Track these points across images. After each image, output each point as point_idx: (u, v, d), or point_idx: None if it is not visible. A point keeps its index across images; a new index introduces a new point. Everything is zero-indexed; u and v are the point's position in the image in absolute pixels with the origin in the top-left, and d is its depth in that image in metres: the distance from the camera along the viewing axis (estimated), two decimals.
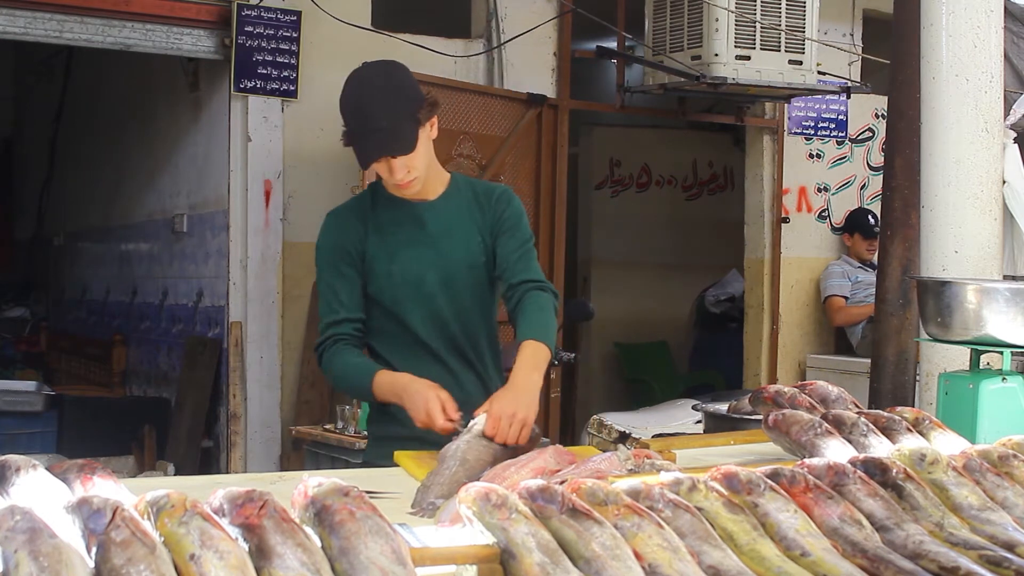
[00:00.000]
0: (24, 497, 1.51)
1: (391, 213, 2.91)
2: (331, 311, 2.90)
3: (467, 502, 1.52)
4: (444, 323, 2.92)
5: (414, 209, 2.92)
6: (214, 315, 6.16)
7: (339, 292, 2.89)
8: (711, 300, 8.81)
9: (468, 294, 2.95)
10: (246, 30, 5.65)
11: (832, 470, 1.78)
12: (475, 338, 2.98)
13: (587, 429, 5.30)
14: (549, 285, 2.95)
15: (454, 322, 2.93)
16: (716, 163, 9.40)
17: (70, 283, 9.10)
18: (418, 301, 2.89)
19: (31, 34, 5.46)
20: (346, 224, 2.92)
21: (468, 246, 2.93)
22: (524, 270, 2.93)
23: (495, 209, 2.96)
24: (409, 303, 2.89)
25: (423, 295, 2.89)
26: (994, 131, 3.44)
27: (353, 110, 2.78)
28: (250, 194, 5.78)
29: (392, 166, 2.79)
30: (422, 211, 2.93)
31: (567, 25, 6.50)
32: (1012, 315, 2.56)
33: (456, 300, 2.93)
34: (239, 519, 1.39)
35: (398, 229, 2.91)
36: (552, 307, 2.91)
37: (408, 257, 2.89)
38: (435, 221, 2.92)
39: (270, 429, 5.84)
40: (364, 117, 2.76)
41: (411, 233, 2.91)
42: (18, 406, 6.48)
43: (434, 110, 2.87)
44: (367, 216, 2.92)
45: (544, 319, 2.86)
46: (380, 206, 2.93)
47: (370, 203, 2.94)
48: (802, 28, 6.12)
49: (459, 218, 2.95)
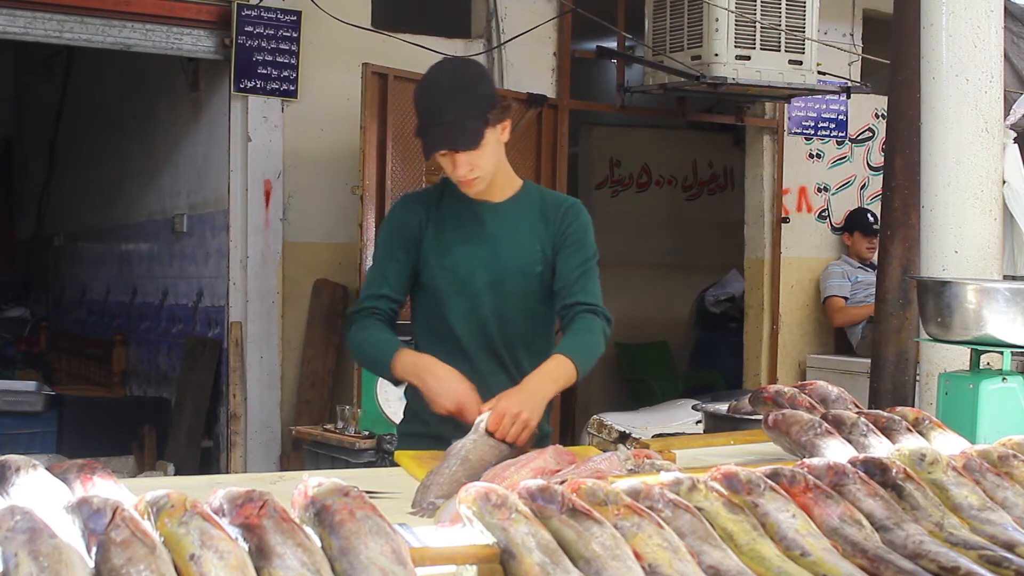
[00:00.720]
0: (24, 497, 1.51)
1: (455, 209, 2.94)
2: (375, 285, 2.93)
3: (467, 502, 1.52)
4: (484, 323, 2.91)
5: (477, 208, 2.95)
6: (214, 315, 6.16)
7: (387, 272, 2.93)
8: (711, 300, 8.81)
9: (515, 299, 2.94)
10: (246, 30, 5.65)
11: (832, 470, 1.78)
12: (513, 342, 2.96)
13: (587, 429, 5.30)
14: (602, 309, 2.95)
15: (494, 323, 2.92)
16: (716, 163, 9.39)
17: (70, 283, 9.10)
18: (463, 297, 2.90)
19: (31, 34, 5.46)
20: (411, 210, 2.95)
21: (524, 252, 2.94)
22: (581, 291, 2.93)
23: (562, 221, 2.97)
24: (453, 298, 2.91)
25: (469, 293, 2.90)
26: (994, 131, 3.44)
27: (421, 102, 2.82)
28: (250, 194, 5.78)
29: (456, 161, 2.82)
30: (484, 211, 2.95)
31: (567, 25, 6.50)
32: (1012, 315, 2.56)
33: (501, 303, 2.92)
34: (239, 519, 1.39)
35: (458, 224, 2.93)
36: (600, 331, 2.91)
37: (461, 253, 2.91)
38: (496, 223, 2.94)
39: (270, 429, 5.84)
40: (431, 110, 2.79)
41: (470, 231, 2.93)
42: (18, 406, 6.48)
43: (506, 113, 2.94)
44: (432, 207, 2.95)
45: (584, 340, 2.87)
46: (447, 200, 2.96)
47: (439, 195, 2.98)
48: (802, 28, 6.12)
49: (521, 224, 2.96)
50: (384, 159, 5.51)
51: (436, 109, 2.78)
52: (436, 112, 2.78)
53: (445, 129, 2.78)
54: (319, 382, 5.88)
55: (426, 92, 2.83)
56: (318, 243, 5.90)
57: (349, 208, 5.68)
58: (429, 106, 2.80)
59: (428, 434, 2.86)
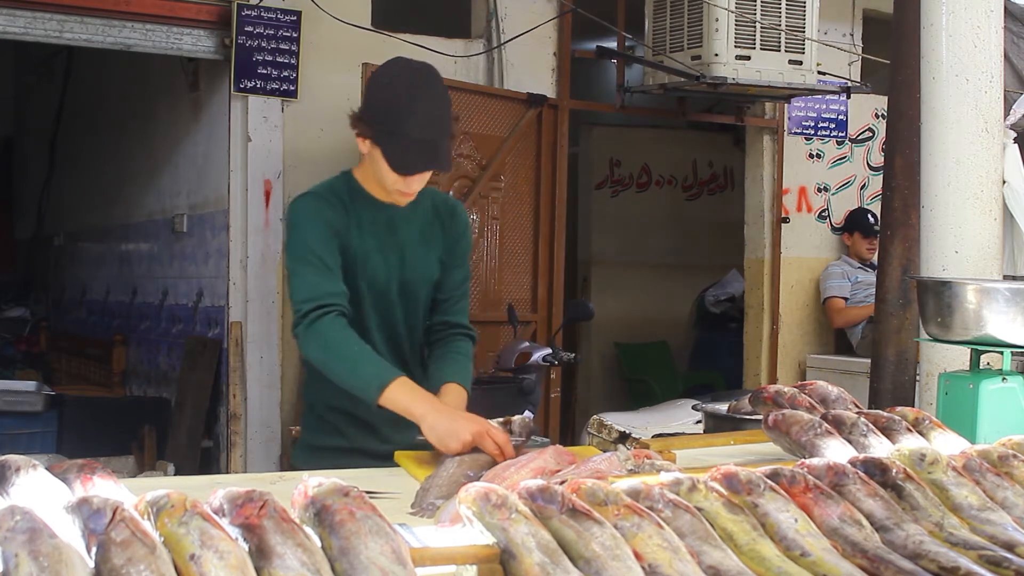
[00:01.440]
0: (24, 497, 1.51)
1: (370, 214, 2.80)
2: (327, 282, 2.68)
3: (467, 502, 1.52)
4: (398, 336, 2.85)
5: (388, 212, 2.82)
6: (214, 315, 6.16)
7: (332, 268, 2.70)
8: (711, 300, 8.81)
9: (420, 308, 2.89)
10: (246, 30, 5.65)
11: (832, 470, 1.78)
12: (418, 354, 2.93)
13: (587, 429, 5.30)
14: (474, 332, 2.96)
15: (406, 335, 2.87)
16: (716, 163, 9.40)
17: (70, 283, 9.10)
18: (378, 309, 2.81)
19: (31, 34, 5.46)
20: (334, 210, 2.75)
21: (428, 260, 2.87)
22: (462, 312, 2.93)
23: (455, 231, 2.91)
24: (370, 309, 2.80)
25: (385, 303, 2.81)
26: (994, 131, 3.44)
27: (397, 111, 2.62)
28: (250, 194, 5.78)
29: (418, 178, 2.71)
30: (395, 216, 2.83)
31: (567, 25, 6.50)
32: (1012, 315, 2.56)
33: (410, 313, 2.87)
34: (239, 519, 1.39)
35: (374, 231, 2.80)
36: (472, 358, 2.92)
37: (378, 262, 2.80)
38: (404, 229, 2.84)
39: (270, 429, 5.84)
40: (410, 124, 2.61)
41: (384, 238, 2.81)
42: (18, 406, 6.48)
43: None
44: (348, 209, 2.78)
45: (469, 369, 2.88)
46: (358, 202, 2.79)
47: (348, 196, 2.79)
48: (802, 28, 6.12)
49: (424, 230, 2.87)
50: None
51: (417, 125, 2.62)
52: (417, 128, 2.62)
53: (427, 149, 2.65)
54: None
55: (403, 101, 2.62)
56: None
57: None
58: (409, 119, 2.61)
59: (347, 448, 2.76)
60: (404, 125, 2.62)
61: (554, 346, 5.40)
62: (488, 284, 6.17)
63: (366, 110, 2.70)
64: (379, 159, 2.69)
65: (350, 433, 2.81)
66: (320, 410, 2.87)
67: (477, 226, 6.13)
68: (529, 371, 5.10)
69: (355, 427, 2.82)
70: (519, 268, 6.39)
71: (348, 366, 2.63)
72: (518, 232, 6.35)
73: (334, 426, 2.83)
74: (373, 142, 2.68)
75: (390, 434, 2.77)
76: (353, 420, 2.82)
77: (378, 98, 2.68)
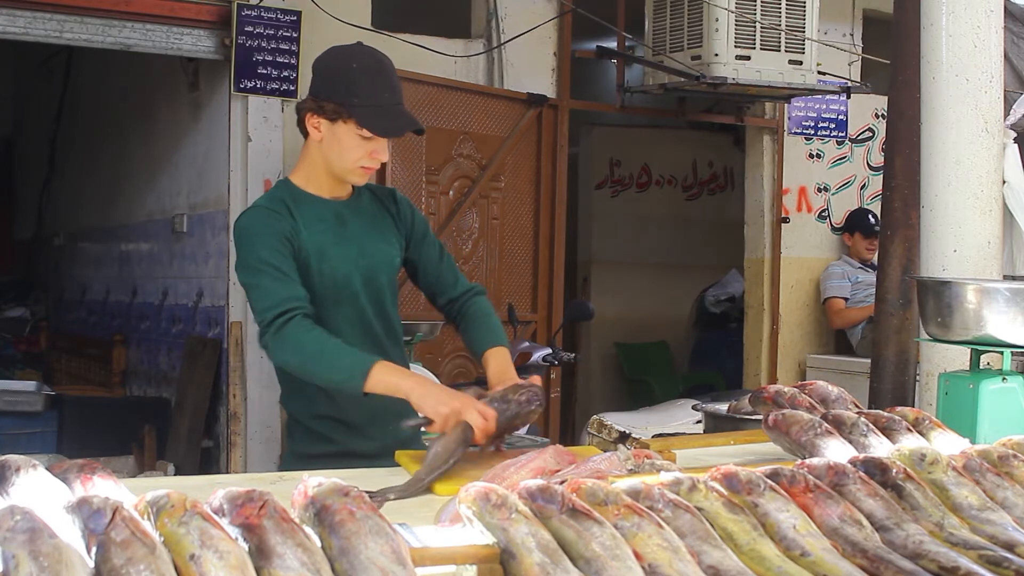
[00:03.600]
0: (24, 497, 1.51)
1: (315, 210, 2.83)
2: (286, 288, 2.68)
3: (467, 502, 1.52)
4: (368, 324, 2.86)
5: (334, 207, 2.86)
6: (214, 315, 6.16)
7: (288, 273, 2.71)
8: (711, 300, 8.81)
9: (387, 294, 2.91)
10: (246, 30, 5.65)
11: (832, 470, 1.78)
12: (394, 338, 2.94)
13: (587, 429, 5.30)
14: (480, 287, 3.03)
15: (377, 323, 2.88)
16: (716, 163, 9.40)
17: (70, 283, 9.09)
18: (344, 303, 2.82)
19: (31, 34, 5.46)
20: (278, 218, 2.77)
21: (386, 244, 2.91)
22: (457, 280, 2.99)
23: (403, 212, 2.97)
24: (334, 305, 2.80)
25: (348, 296, 2.83)
26: (994, 131, 3.44)
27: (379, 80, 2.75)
28: (250, 194, 5.77)
29: (384, 146, 2.78)
30: (341, 209, 2.87)
31: (567, 25, 6.50)
32: (1012, 315, 2.56)
33: (377, 301, 2.88)
34: (239, 519, 1.39)
35: (324, 227, 2.82)
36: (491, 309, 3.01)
37: (336, 256, 2.81)
38: (354, 220, 2.88)
39: (270, 429, 5.84)
40: (392, 89, 2.75)
41: (336, 231, 2.83)
42: (18, 406, 6.48)
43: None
44: (291, 214, 2.79)
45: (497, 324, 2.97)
46: (301, 205, 2.82)
47: (289, 202, 2.81)
48: (802, 28, 6.12)
49: (373, 218, 2.92)
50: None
51: (395, 90, 2.76)
52: (396, 92, 2.76)
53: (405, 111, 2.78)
54: None
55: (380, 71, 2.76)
56: None
57: None
58: (390, 85, 2.75)
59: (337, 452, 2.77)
60: (381, 93, 2.74)
61: (554, 346, 5.40)
62: (488, 284, 6.17)
63: (330, 89, 2.76)
64: (344, 135, 2.75)
65: (337, 437, 2.83)
66: (305, 420, 2.88)
67: (477, 226, 6.13)
68: (529, 371, 5.10)
69: (341, 430, 2.84)
70: (519, 268, 6.39)
71: (326, 362, 2.63)
72: (518, 232, 6.35)
73: (320, 433, 2.85)
74: (343, 119, 2.74)
75: (374, 432, 2.82)
76: (338, 424, 2.84)
77: (344, 76, 2.75)
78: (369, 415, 2.77)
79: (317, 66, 2.84)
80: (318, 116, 2.77)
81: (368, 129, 2.72)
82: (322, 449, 2.82)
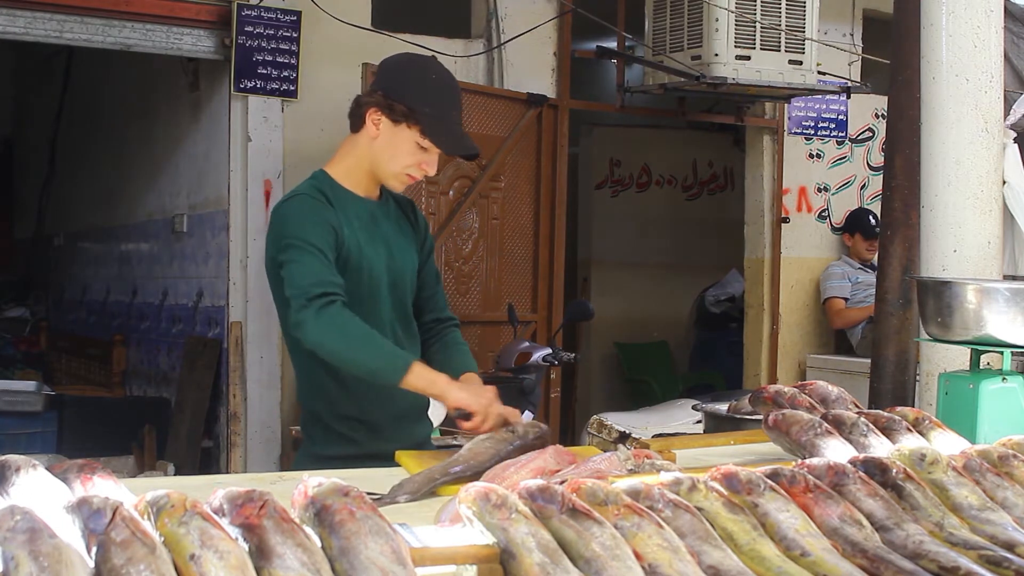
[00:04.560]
0: (24, 497, 1.51)
1: (353, 207, 2.81)
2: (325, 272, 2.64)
3: (467, 502, 1.52)
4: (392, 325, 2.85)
5: (368, 205, 2.85)
6: (214, 315, 6.16)
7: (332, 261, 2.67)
8: (711, 300, 8.81)
9: (407, 298, 2.92)
10: (246, 30, 5.65)
11: (832, 470, 1.78)
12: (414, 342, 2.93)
13: (587, 429, 5.30)
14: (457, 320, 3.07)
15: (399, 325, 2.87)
16: (716, 163, 9.40)
17: (70, 283, 9.09)
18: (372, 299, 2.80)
19: (31, 34, 5.46)
20: (323, 206, 2.75)
21: (410, 251, 2.93)
22: (444, 304, 3.03)
23: (421, 227, 3.01)
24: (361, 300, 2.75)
25: (378, 294, 2.82)
26: (994, 131, 3.44)
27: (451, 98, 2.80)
28: (250, 194, 5.78)
29: (432, 161, 2.80)
30: (374, 209, 2.86)
31: (567, 25, 6.50)
32: (1012, 315, 2.56)
33: (401, 303, 2.89)
34: (239, 519, 1.39)
35: (360, 224, 2.80)
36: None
37: (371, 255, 2.80)
38: (385, 222, 2.88)
39: (270, 429, 5.84)
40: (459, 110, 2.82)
41: (370, 230, 2.83)
42: (18, 406, 6.47)
43: None
44: (335, 205, 2.78)
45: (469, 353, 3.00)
46: (339, 197, 2.80)
47: (328, 192, 2.80)
48: (802, 28, 6.12)
49: (399, 223, 2.93)
50: None
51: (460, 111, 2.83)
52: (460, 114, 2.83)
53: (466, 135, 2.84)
54: None
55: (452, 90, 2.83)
56: None
57: None
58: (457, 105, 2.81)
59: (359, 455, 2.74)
60: (450, 111, 2.78)
61: (554, 346, 5.40)
62: (488, 284, 6.17)
63: (403, 92, 2.74)
64: (403, 140, 2.75)
65: (360, 439, 2.80)
66: (326, 419, 2.84)
67: (477, 226, 6.13)
68: (529, 371, 5.09)
69: (364, 432, 2.81)
70: (519, 268, 6.39)
71: (371, 349, 2.61)
72: (518, 232, 6.35)
73: (342, 434, 2.81)
74: (408, 123, 2.73)
75: (397, 434, 2.81)
76: (361, 425, 2.81)
77: (420, 83, 2.76)
78: (394, 417, 2.76)
79: (390, 66, 2.84)
80: (382, 113, 2.75)
81: (432, 141, 2.74)
82: (342, 451, 2.77)
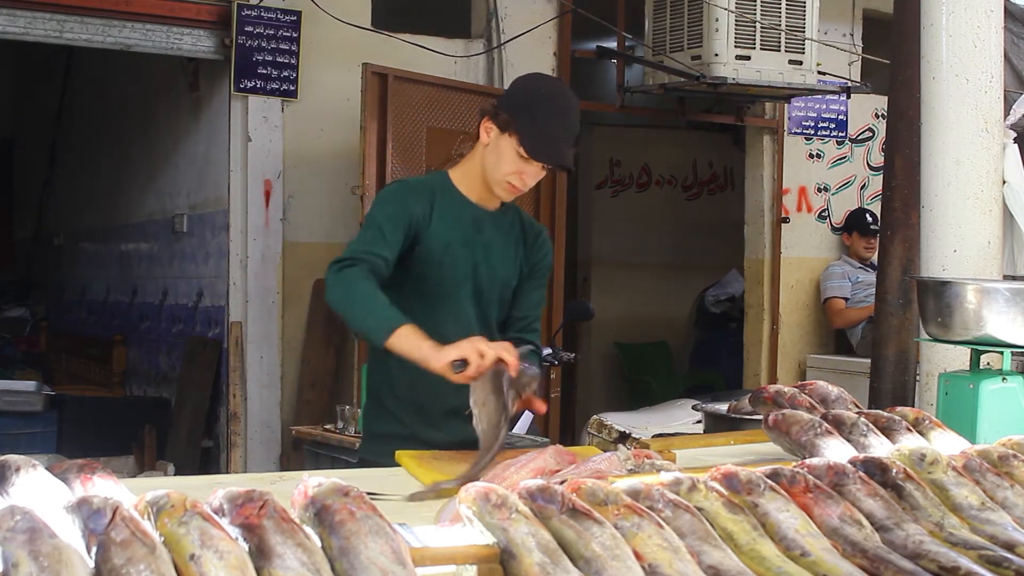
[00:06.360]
0: (24, 497, 1.51)
1: (456, 207, 2.93)
2: (373, 243, 2.78)
3: (467, 502, 1.52)
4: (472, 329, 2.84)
5: (474, 211, 2.95)
6: (214, 315, 6.16)
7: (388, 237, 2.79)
8: (711, 300, 8.81)
9: (493, 308, 2.97)
10: (246, 30, 5.65)
11: (832, 470, 1.78)
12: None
13: (587, 429, 5.30)
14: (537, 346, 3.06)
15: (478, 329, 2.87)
16: (716, 163, 9.40)
17: (70, 283, 9.10)
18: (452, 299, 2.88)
19: (31, 34, 5.46)
20: (417, 199, 2.89)
21: (509, 265, 2.98)
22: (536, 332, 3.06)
23: (538, 250, 3.05)
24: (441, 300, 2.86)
25: (461, 295, 2.90)
26: (994, 131, 3.44)
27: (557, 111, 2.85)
28: (250, 194, 5.78)
29: (534, 172, 2.85)
30: (480, 216, 2.95)
31: (567, 25, 6.50)
32: (1012, 315, 2.56)
33: (484, 310, 2.95)
34: (239, 519, 1.39)
35: (457, 224, 2.91)
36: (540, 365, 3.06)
37: (460, 254, 2.90)
38: (490, 230, 2.96)
39: (270, 429, 5.84)
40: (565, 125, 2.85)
41: (468, 232, 2.92)
42: (18, 406, 6.48)
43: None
44: (433, 201, 2.91)
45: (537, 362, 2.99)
46: (444, 196, 2.93)
47: (438, 189, 2.95)
48: (802, 28, 6.12)
49: (508, 236, 3.00)
50: (384, 159, 5.51)
51: (567, 127, 2.85)
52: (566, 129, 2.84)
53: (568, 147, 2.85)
54: (319, 382, 5.88)
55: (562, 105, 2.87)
56: (318, 243, 5.90)
57: (349, 208, 5.68)
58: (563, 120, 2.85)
59: (404, 435, 2.85)
60: (552, 123, 2.83)
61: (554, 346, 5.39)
62: None
63: (511, 103, 2.88)
64: (505, 148, 2.84)
65: (407, 420, 2.90)
66: (383, 398, 2.96)
67: None
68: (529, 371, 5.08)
69: (412, 414, 2.90)
70: None
71: (364, 309, 2.69)
72: None
73: (392, 413, 2.92)
74: (509, 132, 2.82)
75: (447, 424, 2.84)
76: (410, 406, 2.90)
77: (525, 93, 2.90)
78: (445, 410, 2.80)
79: (514, 82, 3.01)
80: (492, 122, 2.87)
81: (523, 147, 2.82)
82: (390, 430, 2.90)
